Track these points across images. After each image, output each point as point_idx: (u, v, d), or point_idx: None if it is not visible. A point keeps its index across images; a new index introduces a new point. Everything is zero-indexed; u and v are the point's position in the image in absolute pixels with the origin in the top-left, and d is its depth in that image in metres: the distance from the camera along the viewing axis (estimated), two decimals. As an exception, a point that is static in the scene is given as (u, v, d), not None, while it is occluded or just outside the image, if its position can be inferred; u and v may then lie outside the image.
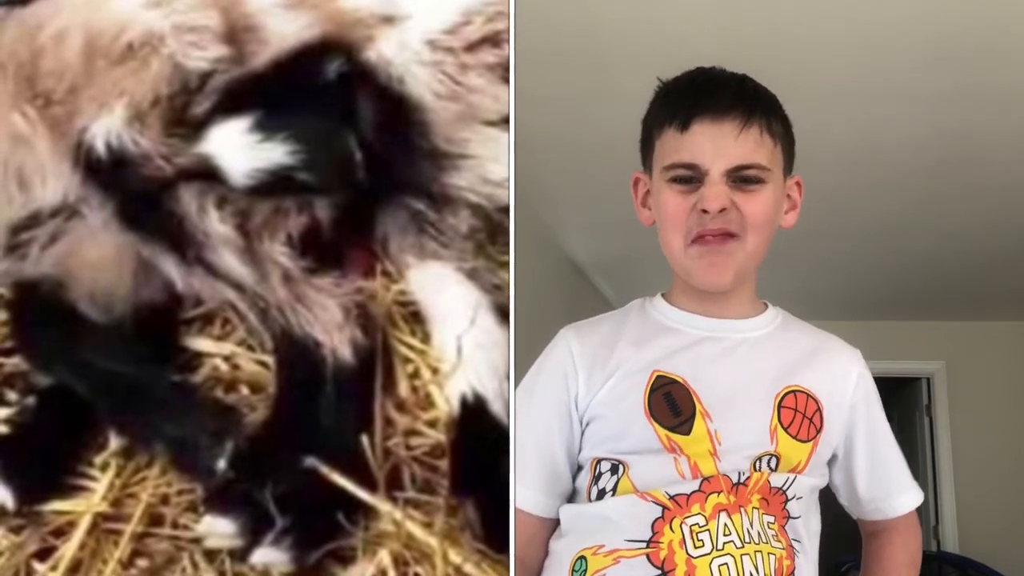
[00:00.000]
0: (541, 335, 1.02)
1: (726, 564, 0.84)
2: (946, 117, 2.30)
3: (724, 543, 0.84)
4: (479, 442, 0.82)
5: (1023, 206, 2.91)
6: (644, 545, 0.85)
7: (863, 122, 2.31)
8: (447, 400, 0.85)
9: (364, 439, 0.83)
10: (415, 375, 0.87)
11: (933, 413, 4.82)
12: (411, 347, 0.88)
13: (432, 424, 0.86)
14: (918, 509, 1.04)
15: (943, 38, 1.89)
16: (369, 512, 0.82)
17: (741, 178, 0.90)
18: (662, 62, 2.13)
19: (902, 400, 5.32)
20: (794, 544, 0.90)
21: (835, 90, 2.12)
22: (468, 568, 0.80)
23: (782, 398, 0.92)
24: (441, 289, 0.87)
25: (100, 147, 0.81)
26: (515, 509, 0.83)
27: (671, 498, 0.86)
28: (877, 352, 1.01)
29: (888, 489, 1.01)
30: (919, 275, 3.85)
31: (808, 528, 0.92)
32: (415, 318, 0.89)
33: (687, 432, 0.89)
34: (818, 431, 0.93)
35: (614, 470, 0.90)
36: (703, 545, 0.84)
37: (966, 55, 1.96)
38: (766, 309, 1.00)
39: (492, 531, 0.81)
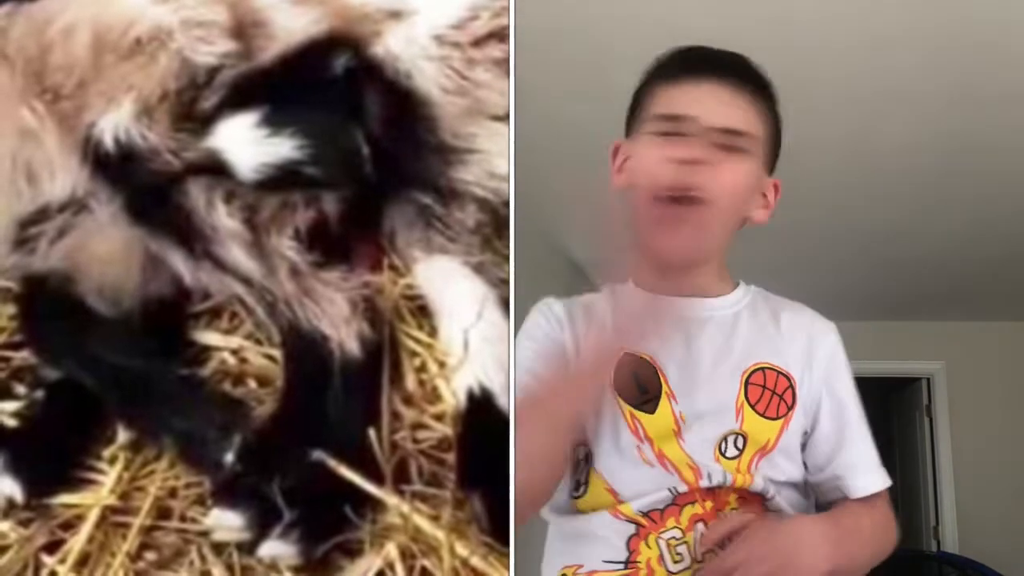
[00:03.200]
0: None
1: None
2: (946, 118, 2.30)
3: (704, 554, 0.83)
4: (486, 435, 0.82)
5: (1023, 207, 2.92)
6: (622, 567, 0.84)
7: (863, 124, 2.32)
8: (454, 394, 0.85)
9: (371, 432, 0.84)
10: (422, 369, 0.87)
11: (933, 413, 4.82)
12: (418, 341, 0.88)
13: (439, 417, 0.86)
14: (918, 510, 1.03)
15: (943, 39, 1.90)
16: (376, 505, 0.82)
17: (726, 144, 0.87)
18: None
19: (902, 400, 5.33)
20: None
21: (834, 91, 2.13)
22: (475, 561, 0.81)
23: (749, 375, 0.89)
24: (448, 283, 0.87)
25: (108, 142, 0.81)
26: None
27: (645, 514, 0.84)
28: (877, 352, 1.01)
29: (850, 465, 0.93)
30: (919, 276, 3.85)
31: None
32: (422, 312, 0.89)
33: (651, 411, 0.87)
34: (789, 408, 0.89)
35: (587, 459, 0.88)
36: (682, 559, 0.83)
37: (966, 56, 1.97)
38: (736, 287, 0.97)
39: (499, 524, 0.81)
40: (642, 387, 0.88)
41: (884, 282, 3.98)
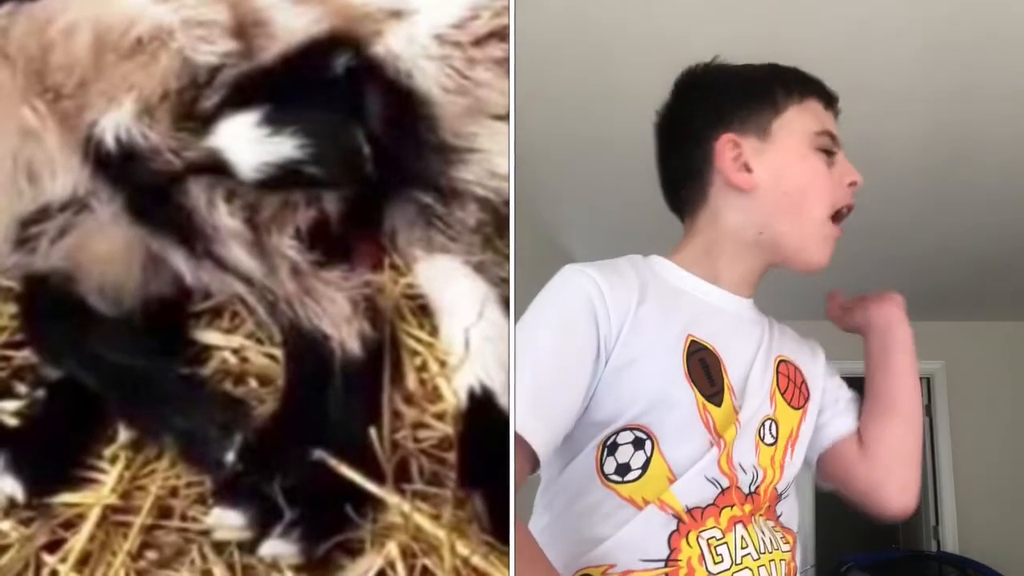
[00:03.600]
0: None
1: None
2: (946, 117, 2.30)
3: (742, 556, 0.83)
4: (487, 435, 0.82)
5: (1023, 207, 2.92)
6: (662, 564, 0.81)
7: (863, 123, 2.32)
8: (455, 393, 0.85)
9: (372, 432, 0.84)
10: (423, 368, 0.87)
11: (933, 413, 4.82)
12: (419, 340, 0.88)
13: (440, 417, 0.86)
14: (918, 510, 1.05)
15: (943, 38, 1.90)
16: (377, 504, 0.82)
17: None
18: (663, 61, 2.14)
19: (902, 400, 5.31)
20: (794, 541, 0.90)
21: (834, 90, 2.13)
22: (476, 560, 0.80)
23: (778, 364, 0.93)
24: (449, 282, 0.87)
25: (109, 141, 0.81)
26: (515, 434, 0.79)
27: (688, 511, 0.82)
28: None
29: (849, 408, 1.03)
30: (919, 275, 3.85)
31: (794, 520, 0.92)
32: (423, 311, 0.89)
33: (719, 404, 0.86)
34: (806, 400, 0.94)
35: (638, 444, 0.84)
36: (722, 560, 0.82)
37: (966, 55, 1.97)
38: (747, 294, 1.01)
39: (500, 523, 0.81)
40: (710, 376, 0.87)
41: (884, 282, 3.98)
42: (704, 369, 0.86)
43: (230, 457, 0.83)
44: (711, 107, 0.97)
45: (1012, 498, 4.54)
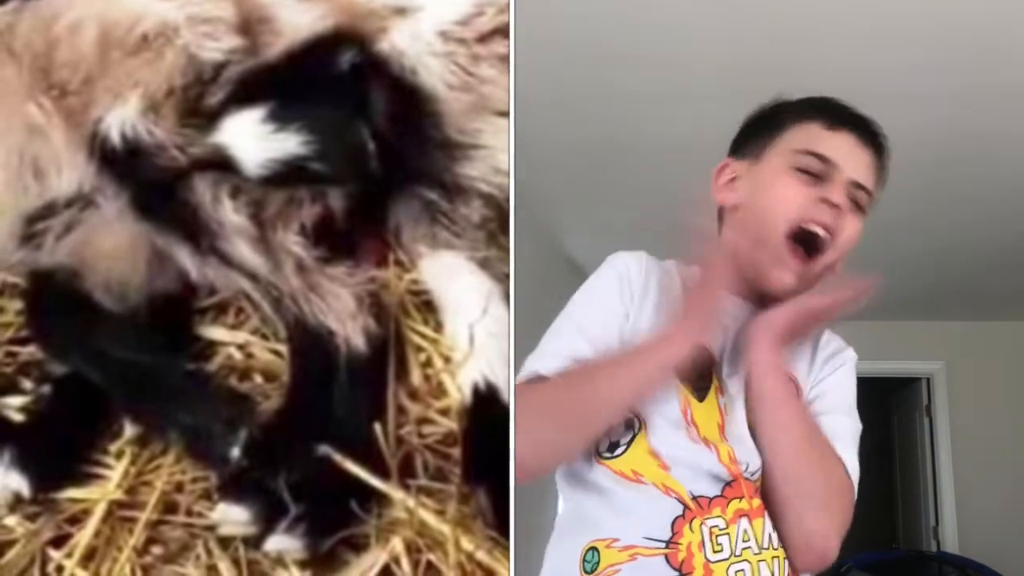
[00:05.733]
0: (543, 332, 1.01)
1: (743, 570, 0.83)
2: (946, 117, 2.31)
3: (742, 549, 0.84)
4: (491, 430, 0.82)
5: (1023, 207, 2.92)
6: (663, 545, 0.83)
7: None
8: (459, 388, 0.85)
9: (377, 427, 0.84)
10: (427, 364, 0.88)
11: (933, 413, 4.82)
12: (423, 336, 0.88)
13: (444, 412, 0.86)
14: (918, 510, 1.05)
15: (943, 38, 1.90)
16: (382, 500, 0.83)
17: (854, 197, 0.93)
18: (662, 62, 2.14)
19: (902, 400, 5.33)
20: None
21: (834, 90, 2.13)
22: (480, 555, 0.81)
23: None
24: (453, 278, 0.87)
25: (115, 137, 0.82)
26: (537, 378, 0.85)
27: (694, 498, 0.85)
28: (877, 352, 1.02)
29: (833, 434, 0.96)
30: (919, 275, 3.85)
31: None
32: (427, 307, 0.89)
33: (701, 399, 0.89)
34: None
35: (628, 424, 0.87)
36: (722, 549, 0.83)
37: (966, 55, 1.97)
38: None
39: (504, 519, 0.81)
40: (699, 373, 0.89)
41: (884, 282, 3.99)
42: (692, 364, 0.88)
43: (235, 453, 0.83)
44: (736, 138, 1.02)
45: (1012, 498, 4.54)
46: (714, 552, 0.83)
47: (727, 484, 0.86)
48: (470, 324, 0.85)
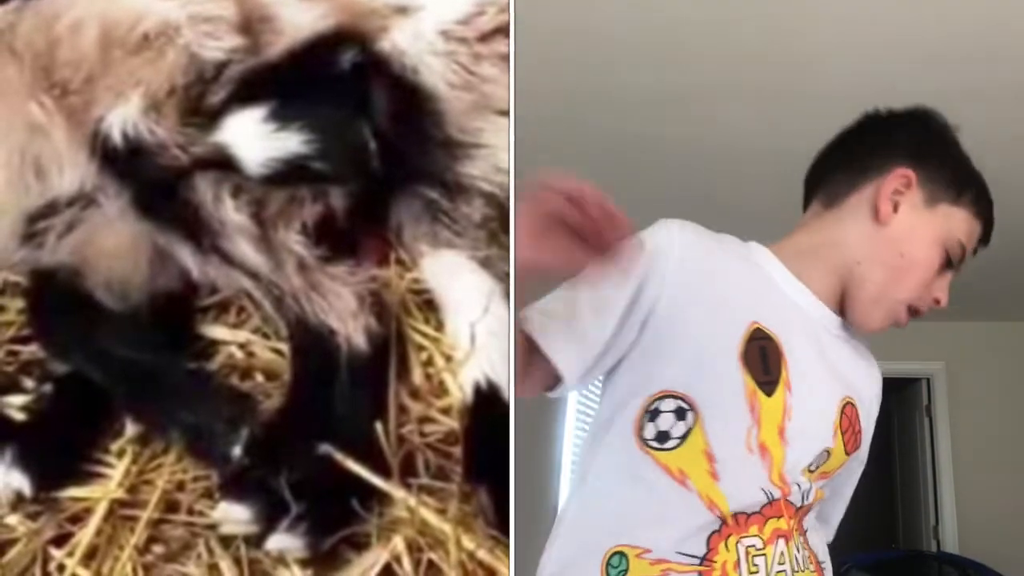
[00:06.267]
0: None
1: None
2: (946, 117, 2.31)
3: (777, 572, 0.82)
4: (492, 429, 0.82)
5: (1023, 207, 2.92)
6: (697, 562, 0.80)
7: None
8: (460, 387, 0.85)
9: (378, 426, 0.84)
10: (429, 363, 0.88)
11: (933, 413, 4.83)
12: (425, 335, 0.88)
13: (446, 411, 0.86)
14: (918, 510, 1.05)
15: (943, 38, 1.90)
16: (383, 499, 0.83)
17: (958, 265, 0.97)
18: (663, 63, 2.15)
19: (902, 400, 5.33)
20: (821, 563, 0.90)
21: (833, 90, 2.13)
22: (481, 554, 0.81)
23: (844, 405, 0.91)
24: (455, 277, 0.87)
25: (116, 136, 0.82)
26: (535, 339, 0.82)
27: (733, 515, 0.81)
28: (877, 352, 1.01)
29: (826, 516, 0.99)
30: (919, 275, 3.86)
31: (820, 548, 0.92)
32: (429, 306, 0.89)
33: (769, 394, 0.84)
34: (856, 447, 0.93)
35: (680, 414, 0.83)
36: (757, 571, 0.81)
37: (966, 56, 1.97)
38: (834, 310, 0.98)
39: (505, 518, 0.81)
40: (766, 366, 0.85)
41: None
42: (762, 357, 0.85)
43: (237, 451, 0.83)
44: (920, 144, 0.99)
45: (1012, 498, 4.54)
46: (749, 574, 0.81)
47: (768, 503, 0.83)
48: (471, 323, 0.85)
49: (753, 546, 0.81)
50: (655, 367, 0.85)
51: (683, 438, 0.82)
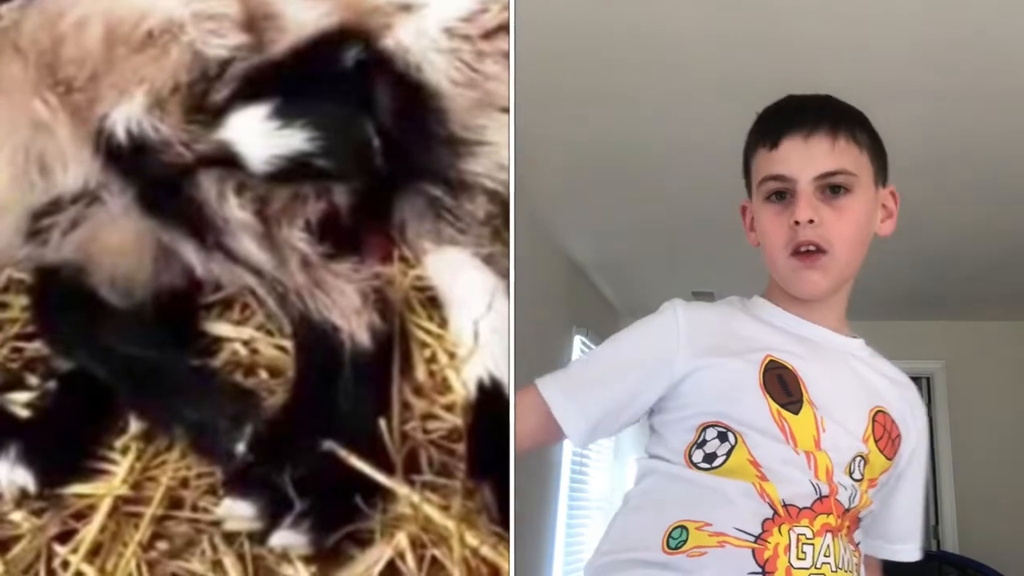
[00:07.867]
0: (543, 332, 1.01)
1: None
2: (946, 117, 2.31)
3: (823, 563, 0.85)
4: (496, 426, 0.83)
5: (1023, 206, 2.92)
6: (753, 539, 0.84)
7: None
8: (464, 384, 0.85)
9: (382, 423, 0.84)
10: (432, 359, 0.88)
11: (933, 413, 4.81)
12: (428, 332, 0.88)
13: (449, 408, 0.86)
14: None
15: (943, 38, 1.91)
16: (387, 495, 0.83)
17: (829, 187, 0.94)
18: (663, 64, 2.15)
19: (902, 400, 5.32)
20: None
21: (833, 91, 2.13)
22: (485, 551, 0.81)
23: (875, 414, 0.95)
24: (458, 274, 0.87)
25: (120, 134, 0.82)
26: (543, 403, 0.85)
27: (784, 506, 0.86)
28: (877, 352, 1.03)
29: (903, 534, 1.03)
30: (919, 275, 3.85)
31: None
32: (432, 303, 0.89)
33: (796, 412, 0.90)
34: (896, 453, 0.96)
35: (723, 438, 0.89)
36: (805, 558, 0.85)
37: (966, 55, 1.97)
38: (857, 337, 1.03)
39: (508, 514, 0.81)
40: (787, 389, 0.91)
41: (884, 282, 3.99)
42: (780, 383, 0.91)
43: (240, 448, 0.83)
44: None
45: (1012, 498, 4.54)
46: (798, 559, 0.84)
47: (819, 499, 0.87)
48: (474, 320, 0.85)
49: (803, 535, 0.85)
50: (689, 412, 0.92)
51: (728, 454, 0.88)
